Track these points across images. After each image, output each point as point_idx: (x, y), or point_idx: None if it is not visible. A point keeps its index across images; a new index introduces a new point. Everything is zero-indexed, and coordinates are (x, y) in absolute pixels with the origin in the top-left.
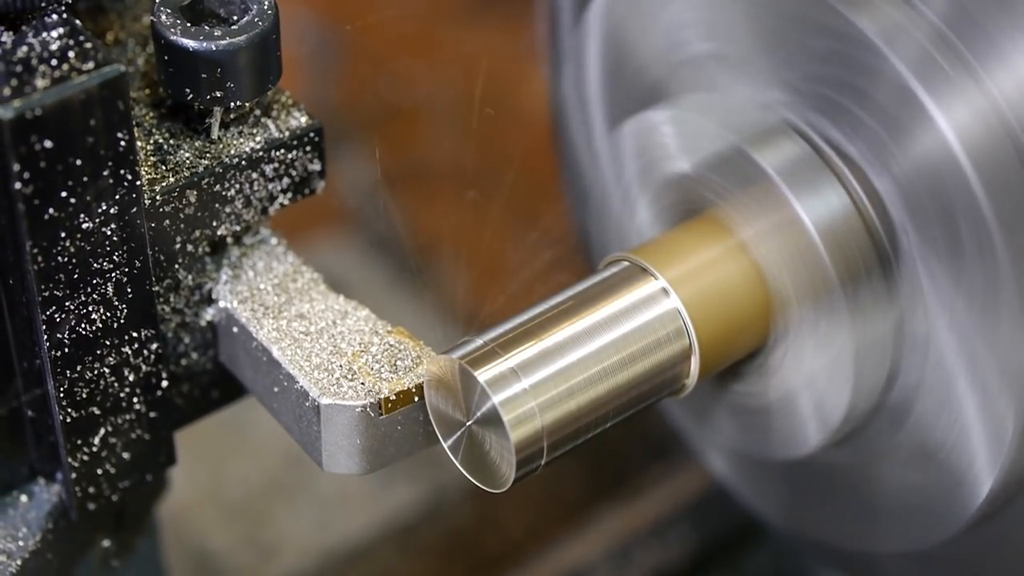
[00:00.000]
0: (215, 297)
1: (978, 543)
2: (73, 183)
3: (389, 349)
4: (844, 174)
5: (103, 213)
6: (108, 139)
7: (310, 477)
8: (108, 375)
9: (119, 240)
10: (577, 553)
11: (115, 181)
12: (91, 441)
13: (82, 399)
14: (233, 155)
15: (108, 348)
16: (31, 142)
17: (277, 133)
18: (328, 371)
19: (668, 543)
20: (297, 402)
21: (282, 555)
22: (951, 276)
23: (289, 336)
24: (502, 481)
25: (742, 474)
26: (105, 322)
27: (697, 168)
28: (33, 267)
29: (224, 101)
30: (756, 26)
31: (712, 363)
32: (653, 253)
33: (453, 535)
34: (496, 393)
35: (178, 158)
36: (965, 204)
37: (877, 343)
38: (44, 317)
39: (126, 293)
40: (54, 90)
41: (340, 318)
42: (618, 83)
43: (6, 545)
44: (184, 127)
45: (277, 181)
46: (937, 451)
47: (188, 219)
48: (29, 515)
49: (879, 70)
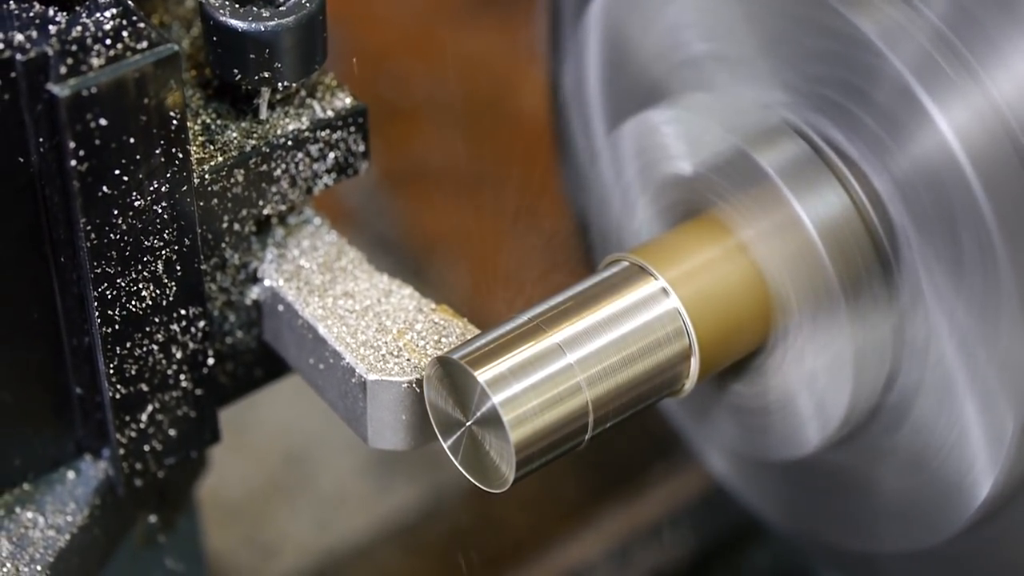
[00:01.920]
0: (260, 276)
1: (978, 543)
2: (126, 161)
3: (434, 326)
4: (844, 174)
5: (155, 191)
6: (161, 118)
7: (310, 477)
8: (156, 352)
9: (169, 218)
10: (577, 553)
11: (167, 159)
12: (139, 418)
13: (131, 376)
14: (280, 135)
15: (157, 325)
16: (87, 120)
17: (323, 114)
18: (374, 348)
19: (668, 543)
20: (343, 379)
21: (282, 555)
22: (951, 277)
23: (335, 314)
24: (502, 481)
25: (742, 474)
26: (155, 299)
27: (697, 168)
28: (86, 244)
29: (272, 82)
30: (756, 26)
31: (712, 363)
32: (653, 253)
33: (453, 535)
34: (496, 393)
35: (225, 138)
36: (965, 205)
37: (877, 344)
38: (96, 294)
39: (175, 271)
40: (109, 69)
41: (384, 296)
42: (618, 83)
43: (55, 520)
44: (231, 108)
45: (322, 161)
46: (937, 452)
47: (235, 198)
48: (77, 491)
49: (879, 70)
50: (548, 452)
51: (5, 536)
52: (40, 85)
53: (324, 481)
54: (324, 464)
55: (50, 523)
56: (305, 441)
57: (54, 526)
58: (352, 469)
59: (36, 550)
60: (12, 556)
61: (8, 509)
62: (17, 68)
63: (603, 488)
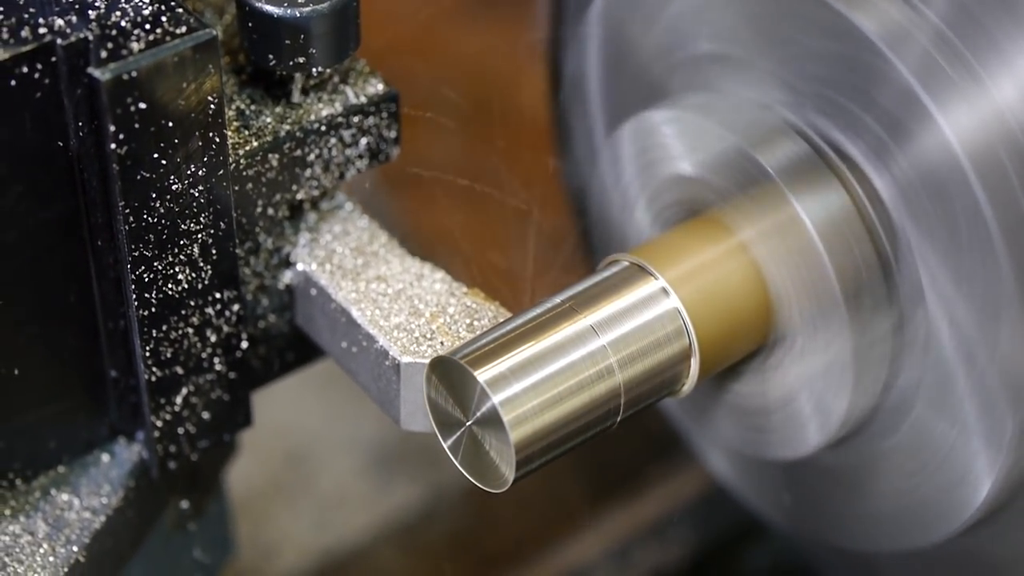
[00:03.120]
0: (293, 260)
1: (977, 543)
2: (164, 145)
3: (466, 310)
4: (844, 174)
5: (192, 175)
6: (199, 102)
7: (310, 477)
8: (192, 335)
9: (206, 202)
10: (577, 553)
11: (204, 144)
12: (174, 400)
13: (166, 359)
14: (313, 120)
15: (193, 308)
16: (127, 104)
17: (356, 99)
18: (407, 331)
19: (668, 543)
20: (376, 361)
21: (282, 555)
22: (951, 277)
23: (368, 297)
24: (502, 481)
25: (742, 474)
26: (191, 283)
27: (697, 168)
28: (124, 227)
29: (306, 67)
30: (757, 26)
31: (712, 363)
32: (653, 253)
33: (453, 535)
34: (496, 393)
35: (260, 123)
36: (966, 205)
37: (877, 344)
38: (133, 277)
39: (211, 254)
40: (149, 53)
41: (417, 280)
42: (618, 83)
43: (90, 502)
44: (264, 93)
45: (354, 147)
46: (937, 452)
47: (270, 183)
48: (111, 473)
49: (880, 71)
50: (548, 452)
51: (41, 517)
52: (80, 70)
53: (324, 481)
54: (324, 464)
55: (85, 505)
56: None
57: (89, 508)
58: (352, 469)
59: (72, 531)
60: (48, 537)
61: (44, 491)
62: (57, 53)
63: (603, 488)
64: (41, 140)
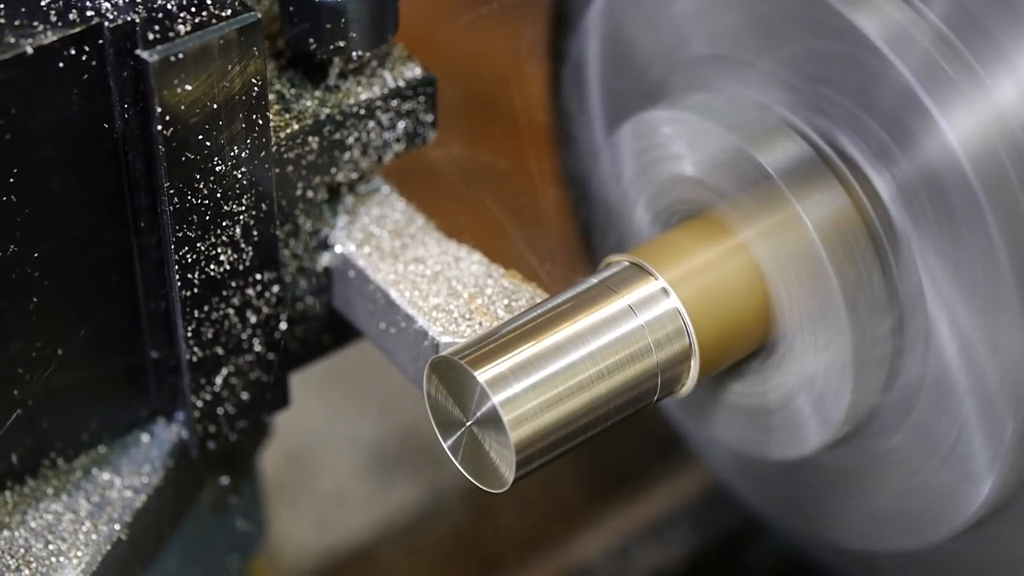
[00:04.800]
0: (331, 243)
1: (978, 543)
2: (209, 127)
3: (504, 290)
4: (844, 174)
5: (235, 156)
6: (243, 84)
7: (310, 477)
8: (232, 316)
9: (248, 183)
10: (577, 553)
11: (247, 126)
12: (214, 381)
13: (207, 339)
14: (353, 104)
15: (234, 289)
16: (174, 85)
17: (393, 83)
18: (446, 311)
19: (668, 543)
20: (415, 342)
21: (282, 555)
22: (951, 276)
23: (406, 279)
24: (502, 481)
25: (742, 474)
26: (232, 263)
27: (697, 168)
28: (169, 208)
29: (346, 51)
30: (757, 26)
31: (712, 363)
32: (653, 253)
33: (453, 535)
34: (496, 393)
35: (300, 106)
36: (966, 205)
37: (877, 343)
38: (177, 257)
39: (252, 236)
40: (195, 35)
41: (454, 262)
42: (618, 83)
43: (132, 481)
44: (304, 77)
45: (392, 130)
46: (937, 451)
47: (309, 165)
48: (151, 453)
49: (880, 71)
50: (548, 452)
51: (83, 496)
52: (127, 52)
53: (324, 481)
54: (324, 464)
55: (126, 484)
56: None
57: (131, 487)
58: (352, 469)
59: (114, 510)
60: (91, 515)
61: (85, 471)
62: (104, 35)
63: (603, 488)
64: (87, 122)
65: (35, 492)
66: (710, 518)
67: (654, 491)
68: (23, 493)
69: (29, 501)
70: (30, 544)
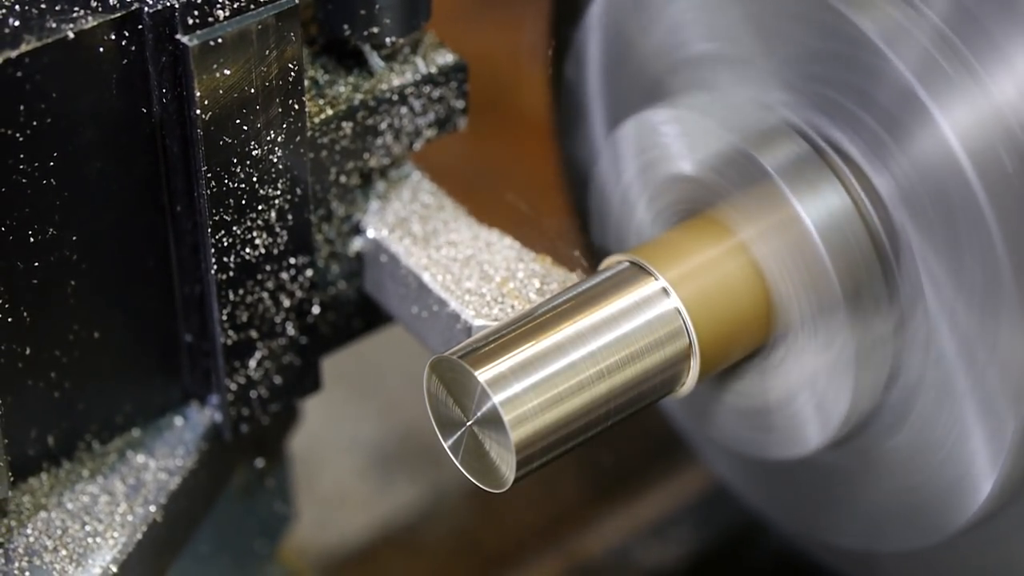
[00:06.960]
0: (363, 228)
1: (978, 543)
2: (246, 111)
3: (535, 274)
4: (844, 174)
5: (271, 141)
6: (280, 69)
7: (310, 477)
8: (267, 299)
9: (284, 168)
10: (578, 553)
11: (283, 110)
12: (247, 364)
13: (242, 323)
14: (386, 90)
15: (268, 273)
16: (212, 70)
17: (425, 70)
18: (478, 295)
19: (669, 543)
20: (447, 325)
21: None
22: (951, 276)
23: (438, 263)
24: (502, 481)
25: (743, 474)
26: (267, 247)
27: (697, 168)
28: (206, 192)
29: (379, 37)
30: (757, 26)
31: (712, 363)
32: (653, 253)
33: (454, 535)
34: (496, 393)
35: (334, 92)
36: (966, 205)
37: (877, 343)
38: (213, 241)
39: (287, 220)
40: (234, 20)
41: (486, 246)
42: (618, 82)
43: (166, 463)
44: (337, 64)
45: (424, 116)
46: (937, 451)
47: (343, 151)
48: (185, 436)
49: (880, 71)
50: (548, 452)
51: (119, 478)
52: (166, 37)
53: (324, 481)
54: (324, 464)
55: (161, 466)
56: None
57: (165, 469)
58: (352, 469)
59: (149, 491)
60: (127, 496)
61: (120, 453)
62: (144, 20)
63: (603, 488)
64: (125, 106)
65: (71, 474)
66: (710, 518)
67: (654, 491)
68: (59, 475)
69: (65, 483)
70: (67, 525)
